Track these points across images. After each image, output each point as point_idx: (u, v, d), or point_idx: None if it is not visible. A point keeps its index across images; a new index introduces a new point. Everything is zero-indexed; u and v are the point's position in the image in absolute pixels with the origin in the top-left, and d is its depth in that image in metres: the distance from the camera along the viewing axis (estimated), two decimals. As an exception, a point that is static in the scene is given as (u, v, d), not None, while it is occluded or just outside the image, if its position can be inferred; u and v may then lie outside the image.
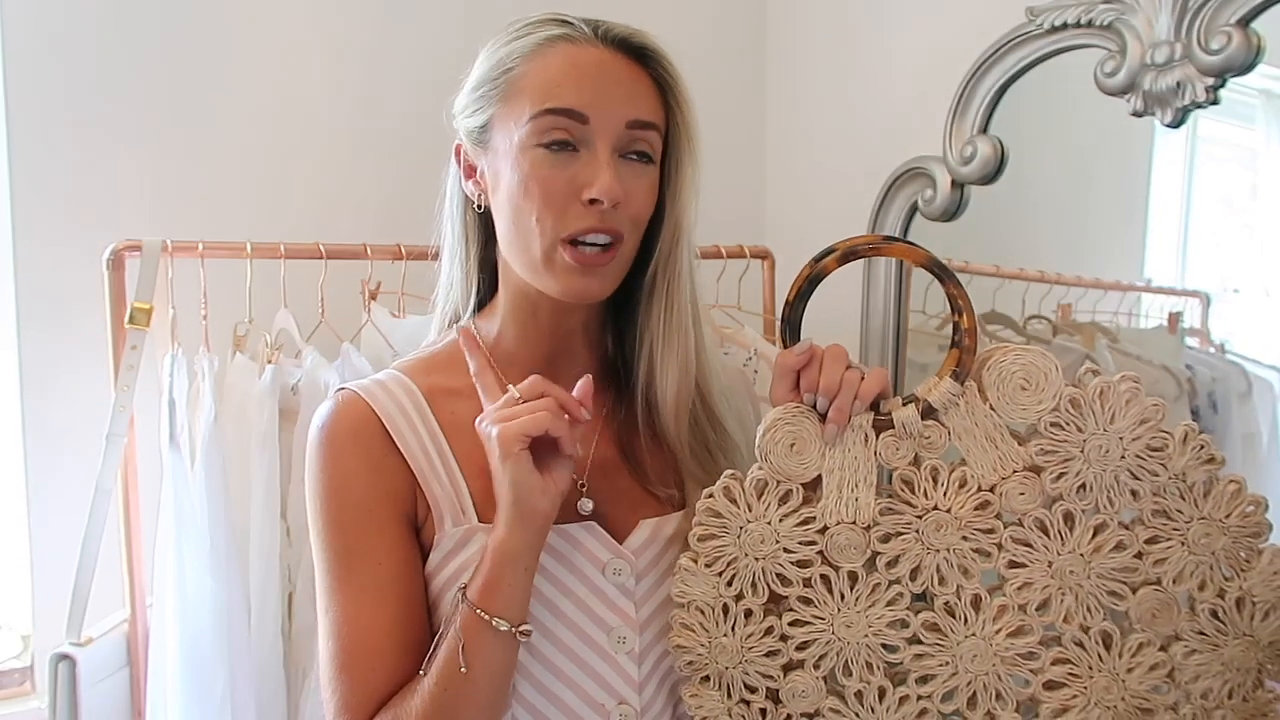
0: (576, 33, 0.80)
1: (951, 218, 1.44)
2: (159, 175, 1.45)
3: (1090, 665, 0.80)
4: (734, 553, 0.80)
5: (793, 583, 0.80)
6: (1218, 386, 1.25)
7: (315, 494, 0.81)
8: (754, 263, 1.61)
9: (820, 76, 1.79)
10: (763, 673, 0.81)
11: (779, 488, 0.79)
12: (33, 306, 1.38)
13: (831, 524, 0.80)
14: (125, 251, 1.25)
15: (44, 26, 1.38)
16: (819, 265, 0.79)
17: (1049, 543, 0.79)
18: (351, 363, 1.31)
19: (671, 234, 0.85)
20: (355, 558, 0.80)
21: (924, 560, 0.80)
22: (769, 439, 0.79)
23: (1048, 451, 0.78)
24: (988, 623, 0.80)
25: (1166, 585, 0.79)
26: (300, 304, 1.34)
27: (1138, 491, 0.78)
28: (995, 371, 0.78)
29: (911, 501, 0.80)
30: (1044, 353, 0.78)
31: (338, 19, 1.56)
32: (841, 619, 0.80)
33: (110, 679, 1.26)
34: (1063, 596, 0.80)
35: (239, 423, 1.28)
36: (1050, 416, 0.78)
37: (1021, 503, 0.79)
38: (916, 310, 1.56)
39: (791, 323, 0.80)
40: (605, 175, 0.77)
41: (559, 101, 0.78)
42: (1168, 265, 1.33)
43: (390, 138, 1.58)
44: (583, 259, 0.79)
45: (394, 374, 0.87)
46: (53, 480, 1.39)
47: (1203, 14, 1.11)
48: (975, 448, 0.79)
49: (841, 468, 0.79)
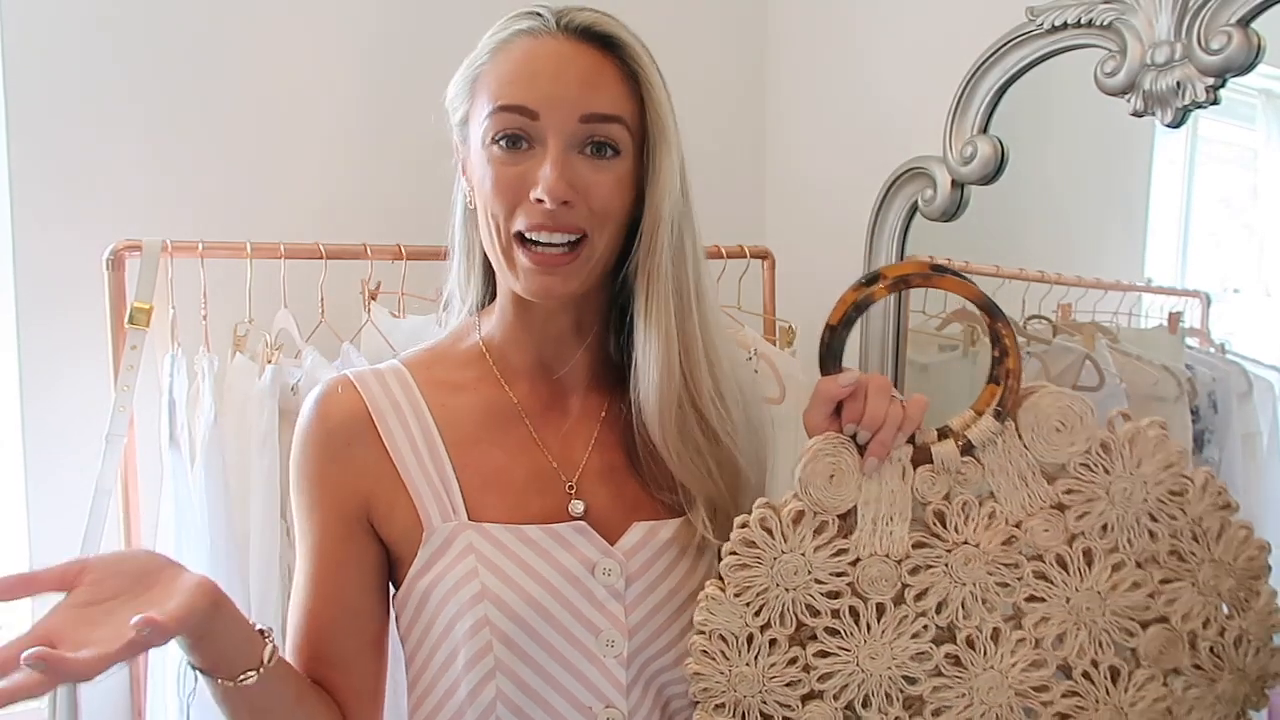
0: (539, 24, 0.79)
1: (951, 218, 1.44)
2: (159, 175, 1.45)
3: (1097, 699, 0.81)
4: (765, 583, 0.79)
5: (821, 614, 0.80)
6: (1218, 386, 1.24)
7: (290, 470, 0.85)
8: (754, 263, 1.61)
9: (820, 76, 1.79)
10: (781, 702, 0.80)
11: (815, 519, 0.78)
12: (33, 306, 1.38)
13: (865, 556, 0.79)
14: (125, 251, 1.25)
15: (44, 26, 1.38)
16: (866, 292, 0.77)
17: (1069, 579, 0.80)
18: (351, 363, 1.31)
19: (650, 227, 0.81)
20: (305, 541, 0.84)
21: (951, 593, 0.80)
22: (810, 470, 0.77)
23: (1074, 491, 0.80)
24: (1006, 656, 0.80)
25: (1175, 623, 0.80)
26: (300, 304, 1.34)
27: (1155, 533, 0.80)
28: (1032, 413, 0.79)
29: (942, 536, 0.80)
30: (1080, 397, 0.79)
31: (338, 19, 1.56)
32: (867, 650, 0.80)
33: (110, 679, 1.26)
34: (1078, 632, 0.80)
35: (239, 423, 1.28)
36: (1081, 458, 0.79)
37: (1045, 539, 0.80)
38: (916, 310, 1.56)
39: (833, 348, 0.78)
40: (549, 174, 0.76)
41: (509, 99, 0.77)
42: (1168, 265, 1.33)
43: (391, 138, 1.58)
44: (540, 259, 0.78)
45: (394, 364, 0.88)
46: (53, 480, 1.39)
47: (1203, 14, 1.11)
48: (1007, 485, 0.80)
49: (878, 500, 0.79)
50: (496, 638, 0.79)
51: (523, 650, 0.80)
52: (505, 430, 0.86)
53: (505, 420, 0.86)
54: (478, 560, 0.80)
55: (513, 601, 0.79)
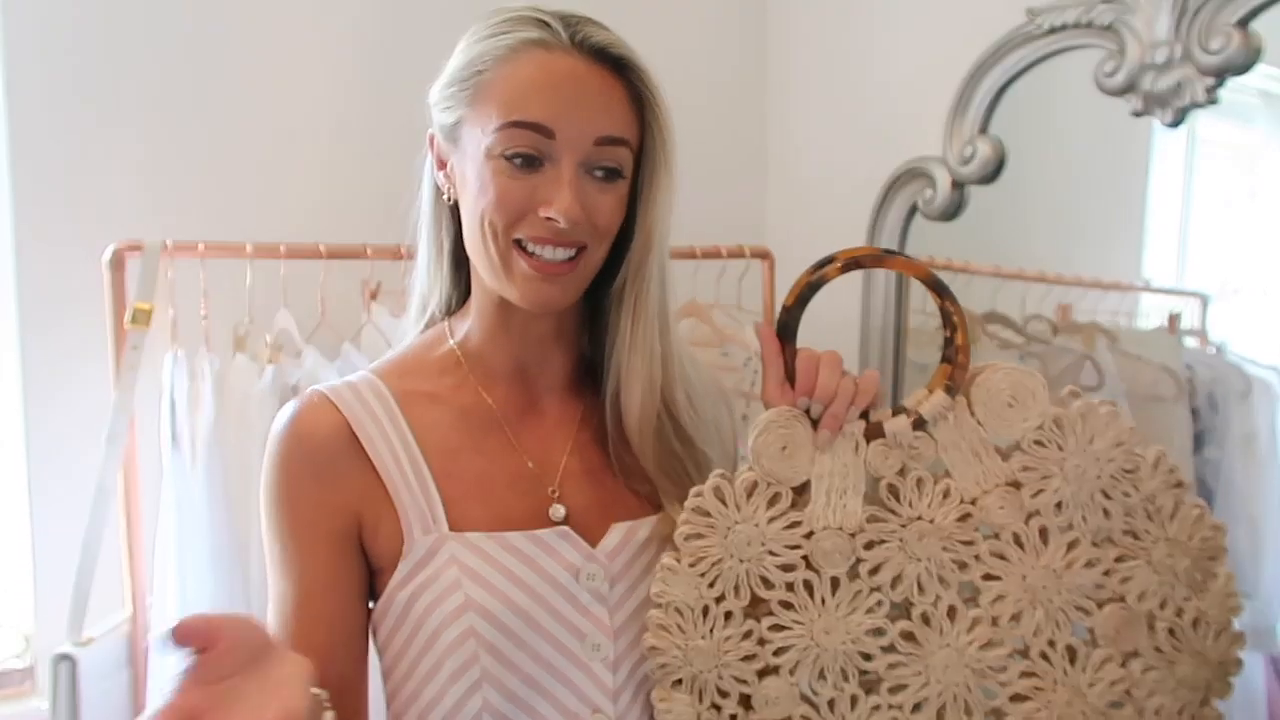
0: (552, 38, 0.77)
1: (951, 218, 1.44)
2: (159, 175, 1.45)
3: (1055, 679, 0.82)
4: (719, 554, 0.80)
5: (775, 586, 0.80)
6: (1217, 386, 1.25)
7: (262, 497, 0.81)
8: (754, 263, 1.61)
9: (820, 76, 1.79)
10: (737, 677, 0.81)
11: (769, 490, 0.80)
12: (34, 307, 1.39)
13: (818, 529, 0.80)
14: (126, 251, 1.25)
15: (47, 27, 1.38)
16: (819, 273, 0.79)
17: (1024, 557, 0.81)
18: (351, 363, 1.31)
19: (642, 247, 0.82)
20: (288, 566, 0.80)
21: (905, 569, 0.81)
22: (762, 441, 0.79)
23: (1029, 468, 0.80)
24: (962, 634, 0.81)
25: (1131, 602, 0.81)
26: (300, 304, 1.34)
27: (1110, 511, 0.81)
28: (984, 388, 0.80)
29: (896, 510, 0.81)
30: (1032, 372, 0.80)
31: (339, 19, 1.57)
32: (821, 624, 0.81)
33: (111, 679, 1.26)
34: (1034, 610, 0.81)
35: (240, 423, 1.28)
36: (1034, 434, 0.80)
37: (1001, 517, 0.81)
38: (916, 310, 1.57)
39: (788, 327, 0.80)
40: (565, 195, 0.76)
41: (525, 115, 0.75)
42: (1167, 265, 1.33)
43: (391, 138, 1.57)
44: (541, 267, 0.78)
45: (366, 376, 0.85)
46: (54, 480, 1.39)
47: (1202, 14, 1.11)
48: (960, 461, 0.81)
49: (831, 474, 0.80)
50: (483, 648, 0.78)
51: (509, 659, 0.79)
52: (484, 436, 0.85)
53: (483, 426, 0.85)
54: (460, 571, 0.79)
55: (498, 611, 0.79)
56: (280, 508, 0.80)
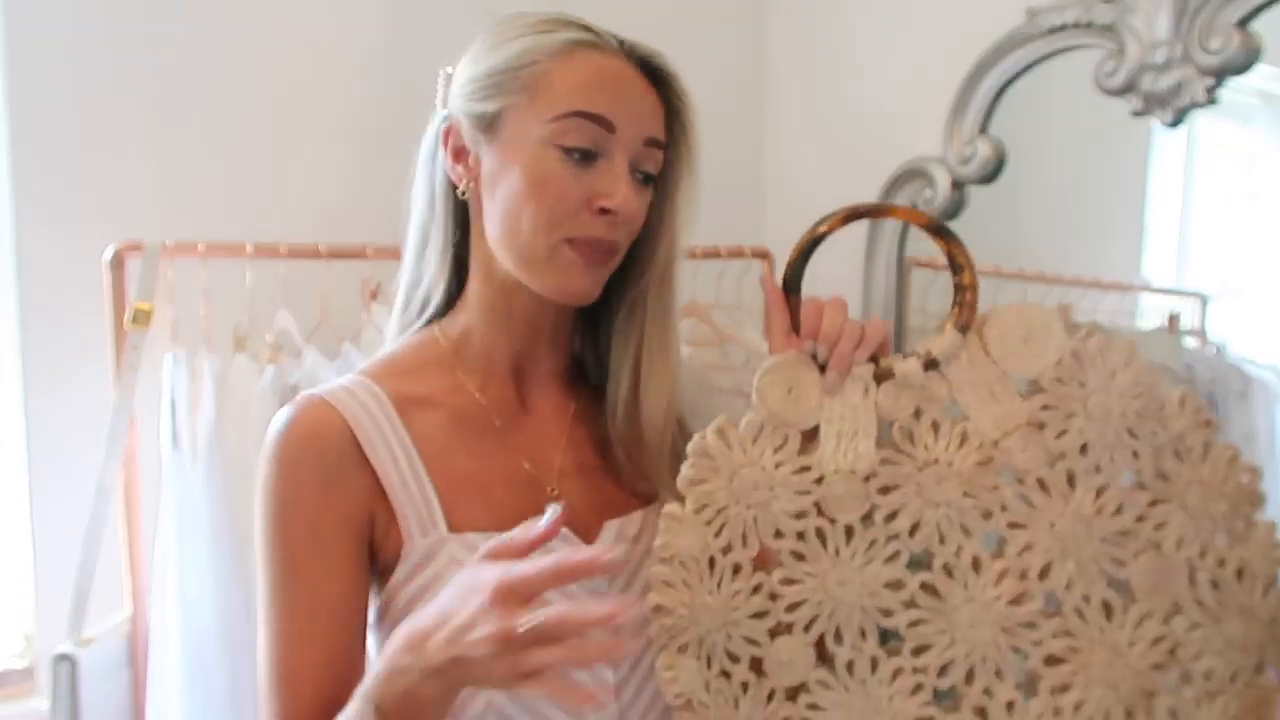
0: (603, 42, 0.80)
1: (951, 218, 1.44)
2: (159, 175, 1.45)
3: (1091, 639, 0.76)
4: (724, 500, 0.76)
5: (786, 535, 0.76)
6: (1217, 386, 1.25)
7: (263, 505, 0.78)
8: (754, 263, 1.62)
9: (820, 76, 1.79)
10: (748, 637, 0.76)
11: (775, 433, 0.76)
12: (34, 307, 1.38)
13: (829, 473, 0.76)
14: (126, 252, 1.25)
15: (47, 27, 1.38)
16: (820, 227, 0.80)
17: (1051, 502, 0.76)
18: (351, 363, 1.31)
19: (668, 251, 0.84)
20: (296, 578, 0.77)
21: (924, 516, 0.76)
22: (766, 381, 0.76)
23: (1050, 407, 0.76)
24: (988, 587, 0.76)
25: (1167, 550, 0.76)
26: (300, 304, 1.34)
27: (1138, 452, 0.76)
28: (997, 326, 0.77)
29: (911, 453, 0.76)
30: (1047, 308, 0.77)
31: (339, 19, 1.56)
32: (835, 576, 0.76)
33: (111, 679, 1.27)
34: (1065, 561, 0.76)
35: (240, 423, 1.28)
36: (1053, 371, 0.76)
37: (1024, 460, 0.76)
38: (916, 310, 1.57)
39: (793, 279, 0.80)
40: (624, 187, 0.77)
41: (591, 106, 0.77)
42: (1167, 266, 1.33)
43: (391, 138, 1.57)
44: (589, 255, 0.79)
45: (360, 379, 0.84)
46: (55, 480, 1.39)
47: (1202, 14, 1.11)
48: (977, 401, 0.76)
49: (840, 417, 0.76)
50: None
51: None
52: (479, 437, 0.85)
53: (478, 427, 0.85)
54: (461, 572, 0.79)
55: None
56: (285, 515, 0.78)
